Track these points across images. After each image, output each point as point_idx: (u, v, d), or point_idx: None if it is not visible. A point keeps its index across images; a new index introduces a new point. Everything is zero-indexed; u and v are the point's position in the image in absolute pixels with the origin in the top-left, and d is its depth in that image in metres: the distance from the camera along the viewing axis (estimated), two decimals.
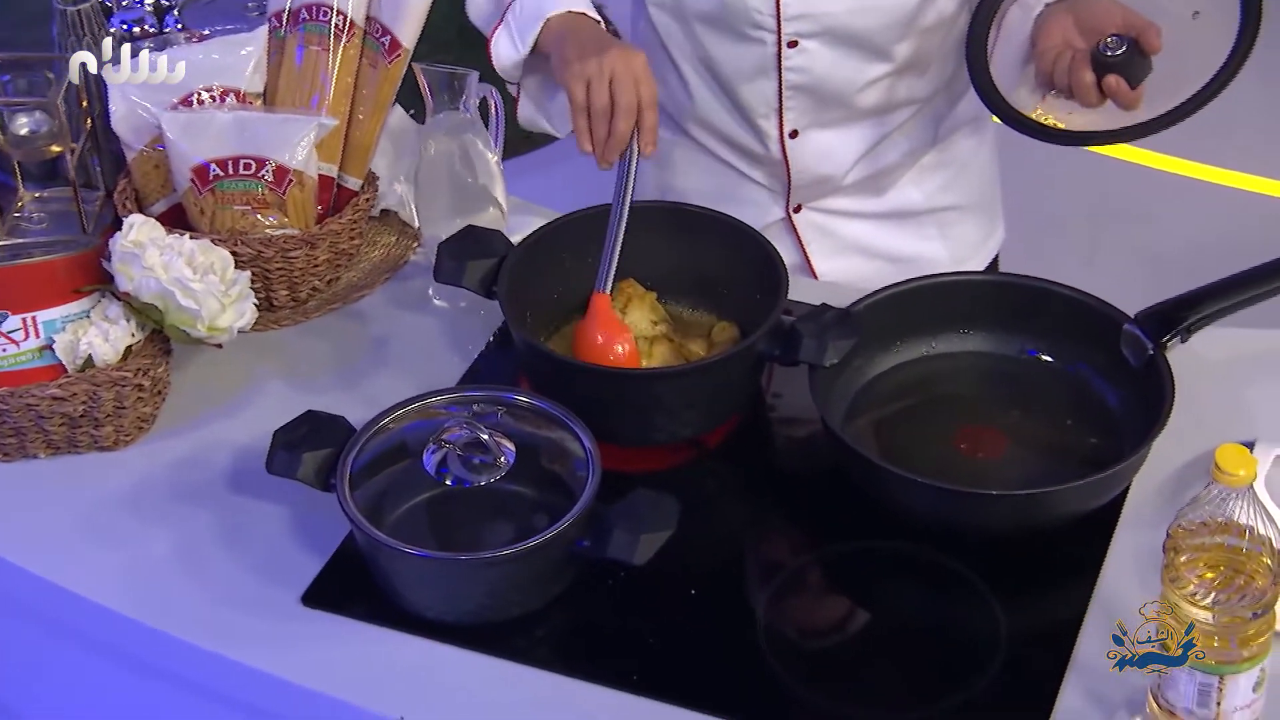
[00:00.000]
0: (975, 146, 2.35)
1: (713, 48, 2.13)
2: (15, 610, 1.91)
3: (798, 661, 1.73)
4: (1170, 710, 1.55)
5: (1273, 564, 1.49)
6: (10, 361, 1.86)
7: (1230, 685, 1.52)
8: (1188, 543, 1.50)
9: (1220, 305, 1.88)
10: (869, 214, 2.29)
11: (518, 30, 1.98)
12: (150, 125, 2.03)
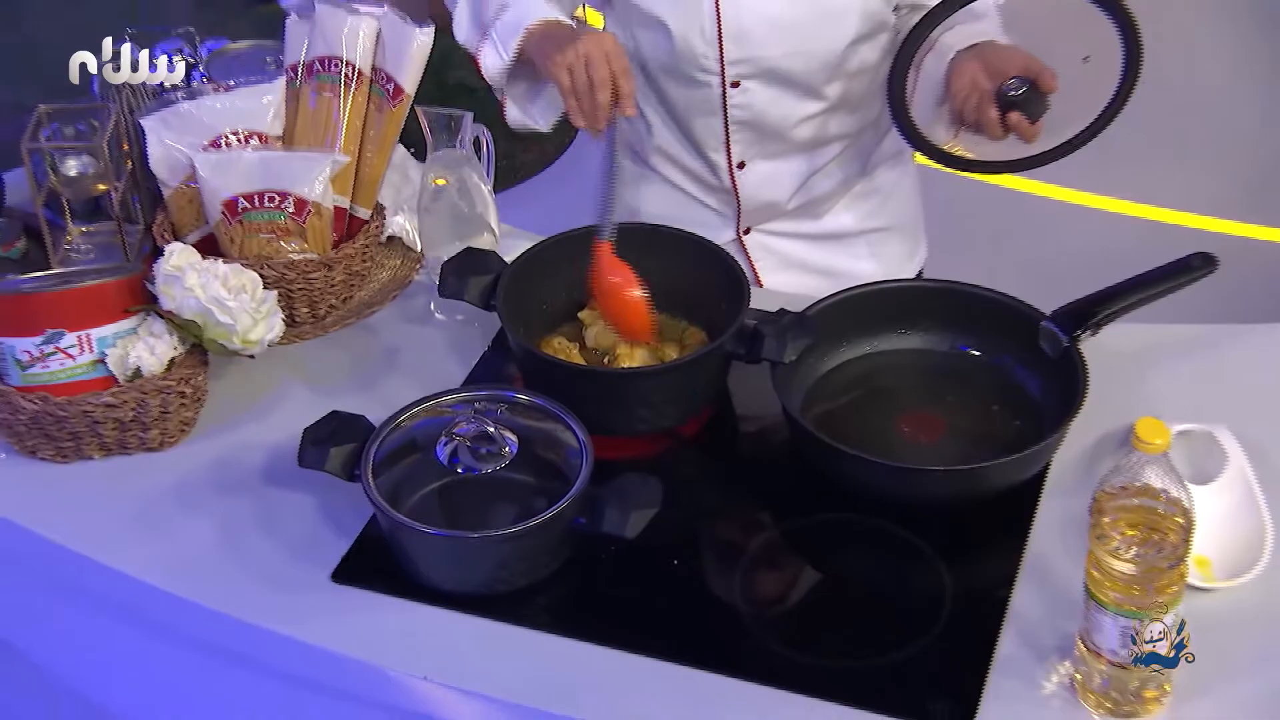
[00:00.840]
0: (899, 177, 2.34)
1: (668, 91, 2.13)
2: (76, 594, 1.87)
3: (769, 620, 1.72)
4: (1097, 652, 1.54)
5: (1184, 522, 1.48)
6: (67, 374, 1.82)
7: (1150, 628, 1.50)
8: (1111, 504, 1.50)
9: (1123, 303, 1.88)
10: (808, 235, 2.28)
11: (501, 42, 1.96)
12: (184, 165, 2.01)
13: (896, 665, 1.64)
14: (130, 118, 2.04)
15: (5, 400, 1.82)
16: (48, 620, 1.98)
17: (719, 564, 1.77)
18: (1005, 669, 1.60)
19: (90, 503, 1.83)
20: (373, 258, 2.07)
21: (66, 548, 1.78)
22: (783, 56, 2.05)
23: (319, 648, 1.66)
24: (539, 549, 1.69)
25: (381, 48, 2.03)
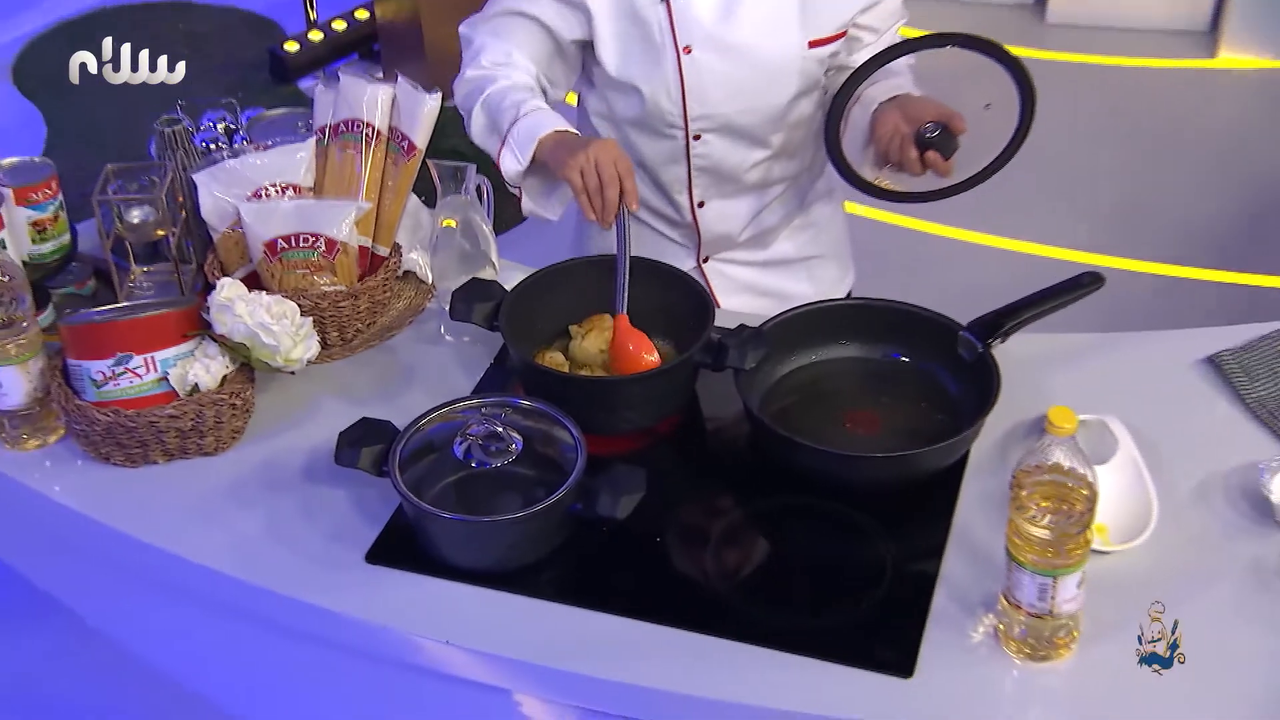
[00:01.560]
0: (831, 212, 2.40)
1: (638, 143, 2.17)
2: (143, 577, 1.92)
3: (738, 586, 1.77)
4: (1017, 605, 1.59)
5: (1088, 494, 1.54)
6: (136, 390, 1.86)
7: (1061, 584, 1.56)
8: (1028, 480, 1.55)
9: (1027, 315, 1.95)
10: (757, 262, 2.33)
11: (518, 149, 2.00)
12: (231, 213, 2.05)
13: (848, 622, 1.70)
14: (184, 174, 2.09)
15: (83, 414, 1.85)
16: (119, 600, 2.03)
17: (695, 540, 1.81)
18: (939, 622, 1.66)
19: (156, 500, 1.86)
20: (392, 289, 2.12)
21: (137, 538, 1.82)
22: (736, 113, 2.10)
23: (356, 618, 1.71)
24: (542, 531, 1.73)
25: (396, 111, 2.08)
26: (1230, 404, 1.95)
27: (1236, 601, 1.67)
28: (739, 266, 2.32)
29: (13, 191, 1.99)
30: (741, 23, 2.06)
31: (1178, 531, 1.75)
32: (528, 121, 2.01)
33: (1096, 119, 4.30)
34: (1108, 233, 3.81)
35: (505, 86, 2.07)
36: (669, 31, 2.06)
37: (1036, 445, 1.55)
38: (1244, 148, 4.26)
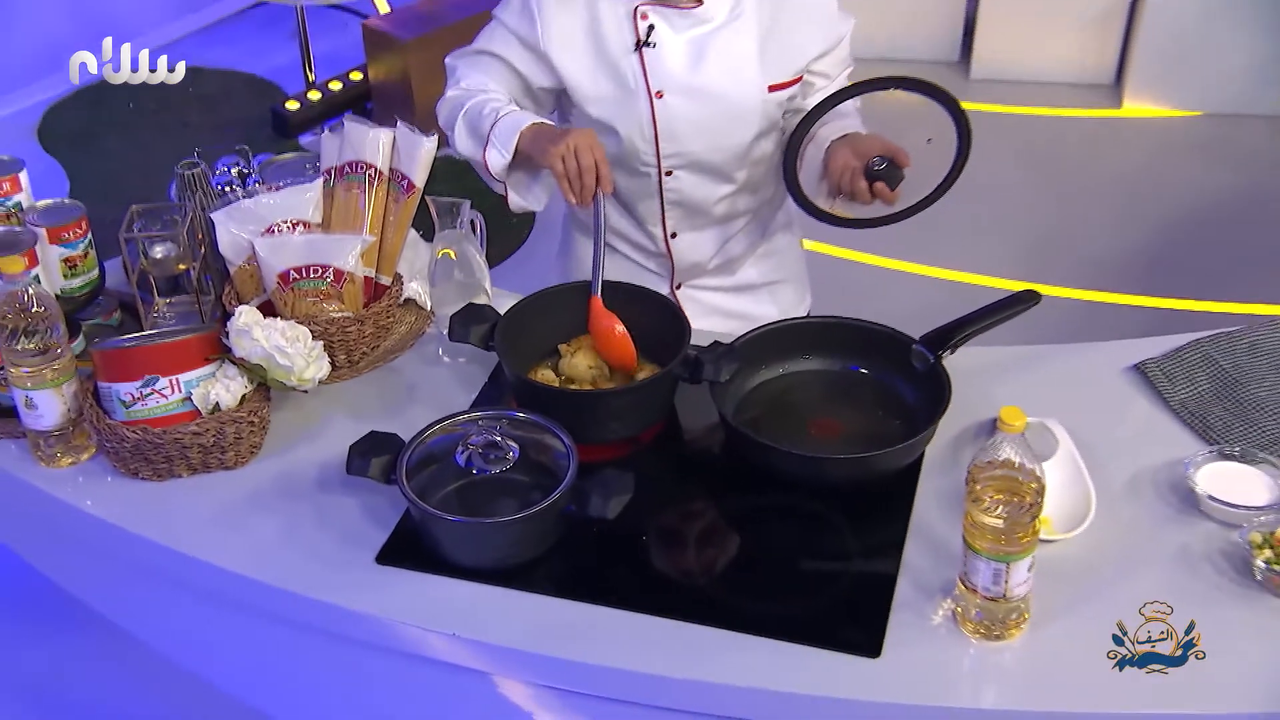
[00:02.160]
0: (789, 241, 2.38)
1: (617, 181, 2.13)
2: (170, 581, 1.87)
3: (718, 577, 1.74)
4: (974, 589, 1.57)
5: (1037, 486, 1.53)
6: (162, 410, 1.82)
7: (1014, 569, 1.55)
8: (982, 475, 1.54)
9: (974, 328, 1.93)
10: (725, 288, 2.31)
11: (501, 144, 1.99)
12: (246, 248, 2.02)
13: (819, 608, 1.68)
14: (203, 214, 2.05)
15: (113, 432, 1.81)
16: (146, 603, 1.98)
17: (677, 537, 1.79)
18: (902, 607, 1.64)
19: (181, 511, 1.82)
20: (394, 315, 2.08)
21: (164, 545, 1.78)
22: (704, 151, 2.09)
23: (369, 614, 1.67)
24: (538, 531, 1.70)
25: (396, 153, 2.05)
26: (1155, 407, 1.94)
27: (1168, 583, 1.65)
28: (709, 292, 2.29)
29: (46, 231, 1.95)
30: (708, 70, 2.05)
31: (1113, 522, 1.74)
32: (508, 120, 2.00)
33: (1018, 162, 4.32)
34: (1030, 262, 3.83)
35: (483, 99, 2.07)
36: (642, 78, 2.04)
37: (989, 442, 1.54)
38: (1148, 186, 4.29)
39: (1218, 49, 4.53)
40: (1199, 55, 4.54)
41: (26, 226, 1.95)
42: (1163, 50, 4.59)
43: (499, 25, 2.12)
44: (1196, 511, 1.75)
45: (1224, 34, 4.50)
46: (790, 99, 2.13)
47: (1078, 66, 4.76)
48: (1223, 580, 1.66)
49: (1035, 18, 4.73)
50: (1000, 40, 4.79)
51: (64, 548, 2.03)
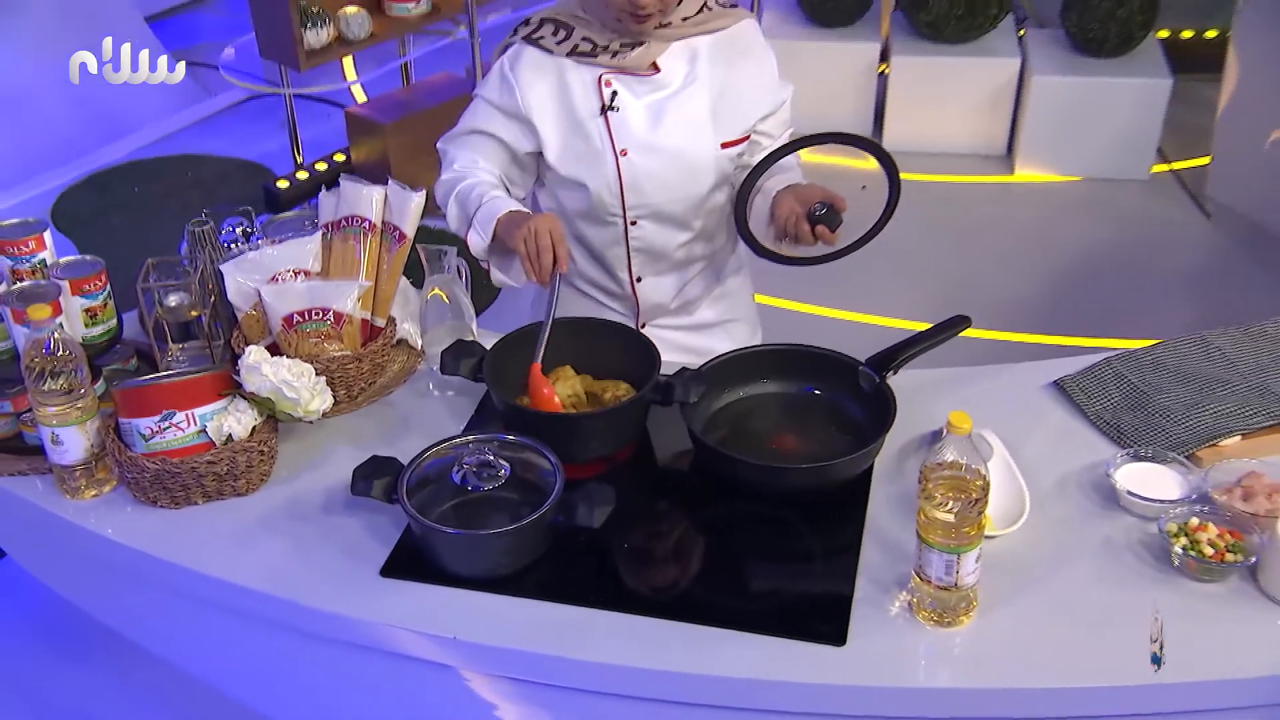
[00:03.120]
0: (741, 283, 2.35)
1: (585, 230, 2.12)
2: (190, 599, 1.78)
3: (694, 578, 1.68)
4: (928, 580, 1.54)
5: (982, 484, 1.50)
6: (179, 442, 1.75)
7: (964, 559, 1.52)
8: (933, 475, 1.51)
9: (914, 350, 1.91)
10: (684, 327, 2.27)
11: (481, 228, 1.95)
12: (252, 295, 1.95)
13: (788, 603, 1.63)
14: (212, 265, 1.99)
15: (134, 464, 1.74)
16: (166, 620, 1.89)
17: (656, 543, 1.74)
18: (862, 599, 1.60)
19: (198, 534, 1.75)
20: (389, 354, 2.02)
21: (183, 566, 1.70)
22: (665, 202, 2.06)
23: (375, 622, 1.61)
24: (529, 541, 1.65)
25: (388, 207, 2.00)
26: (1074, 417, 1.92)
27: (1096, 572, 1.64)
28: (670, 330, 2.25)
29: (69, 283, 1.88)
30: (667, 130, 2.03)
31: (1045, 519, 1.72)
32: (488, 206, 1.96)
33: (930, 223, 4.32)
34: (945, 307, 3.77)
35: (472, 183, 2.03)
36: (608, 139, 2.01)
37: (939, 445, 1.51)
38: (1039, 240, 4.32)
39: (1091, 124, 4.60)
40: (1076, 130, 4.61)
41: (51, 280, 1.88)
42: (1045, 126, 4.64)
43: (481, 102, 2.08)
44: (1117, 507, 1.73)
45: (1096, 112, 4.58)
46: (739, 155, 2.10)
47: (975, 140, 4.80)
48: (1144, 567, 1.65)
49: (936, 99, 4.77)
50: (907, 119, 4.81)
51: (89, 574, 1.94)
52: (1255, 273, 4.09)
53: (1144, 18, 4.56)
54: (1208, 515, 1.66)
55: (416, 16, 4.08)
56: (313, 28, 3.88)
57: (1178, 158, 4.71)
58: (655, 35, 2.00)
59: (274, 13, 3.87)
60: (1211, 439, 1.83)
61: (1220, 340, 2.03)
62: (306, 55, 3.88)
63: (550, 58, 2.02)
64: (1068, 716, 1.53)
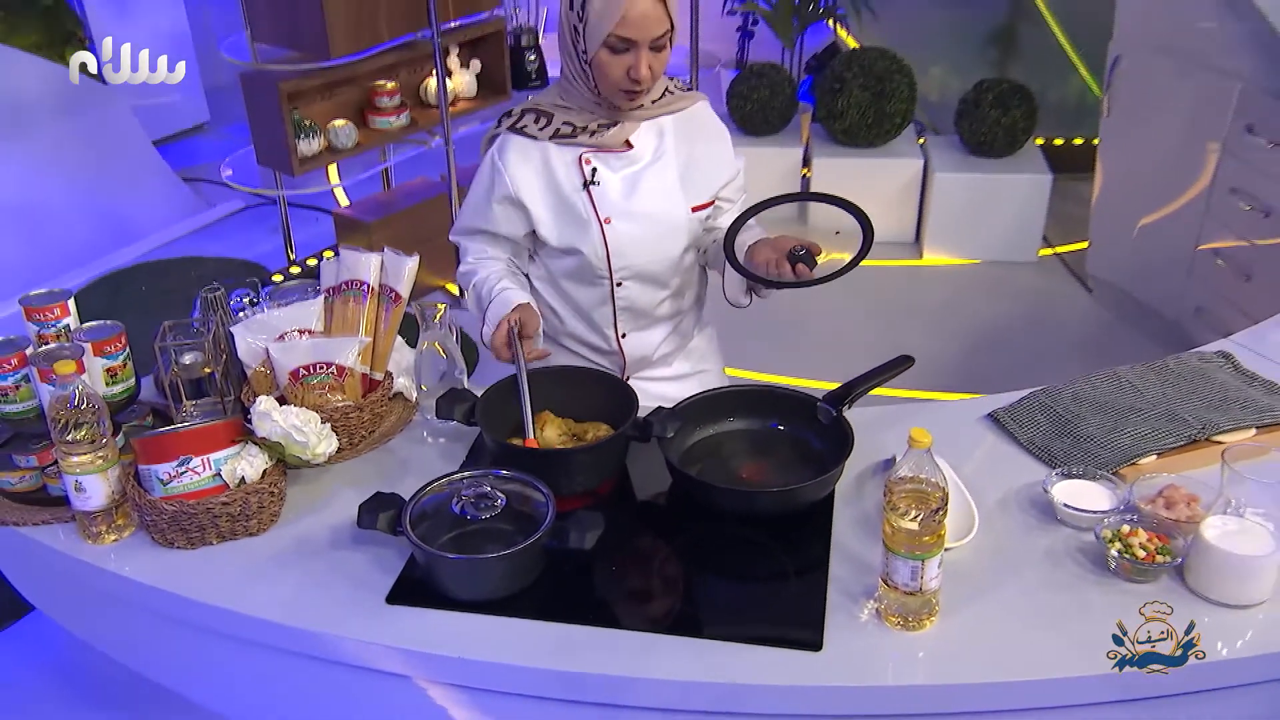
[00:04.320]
0: (709, 338, 2.30)
1: (575, 293, 2.06)
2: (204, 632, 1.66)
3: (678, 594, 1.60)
4: (894, 587, 1.47)
5: (942, 494, 1.44)
6: (195, 485, 1.65)
7: (927, 565, 1.46)
8: (897, 487, 1.45)
9: (866, 386, 1.86)
10: (663, 378, 2.20)
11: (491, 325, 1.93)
12: (261, 353, 1.86)
13: (769, 614, 1.55)
14: (223, 327, 1.90)
15: (153, 507, 1.63)
16: (186, 657, 1.76)
17: (641, 565, 1.66)
18: (834, 608, 1.53)
19: (213, 571, 1.64)
20: (387, 404, 1.93)
21: (201, 601, 1.59)
22: (646, 263, 2.01)
23: (385, 645, 1.51)
24: (526, 564, 1.56)
25: (385, 271, 1.93)
26: (1009, 444, 1.87)
27: (1042, 577, 1.58)
28: (651, 381, 2.18)
29: (91, 345, 1.78)
30: (643, 198, 1.99)
31: (992, 532, 1.66)
32: (495, 304, 1.95)
33: (854, 300, 4.30)
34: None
35: (484, 275, 2.03)
36: (593, 210, 1.97)
37: (903, 458, 1.44)
38: (947, 314, 4.32)
39: (986, 215, 4.66)
40: (973, 219, 4.66)
41: (74, 342, 1.78)
42: (947, 216, 4.68)
43: (477, 198, 2.04)
44: (1055, 520, 1.68)
45: (989, 204, 4.65)
46: (706, 218, 2.07)
47: (887, 229, 4.80)
48: (1083, 571, 1.59)
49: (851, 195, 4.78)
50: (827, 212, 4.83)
51: (109, 616, 1.81)
52: (1131, 335, 4.13)
53: (1025, 124, 4.65)
54: (1137, 523, 1.61)
55: (397, 128, 4.05)
56: (305, 138, 3.82)
57: (1060, 242, 4.77)
58: (628, 116, 1.97)
59: (271, 126, 3.81)
60: (1131, 459, 1.79)
61: (1129, 375, 2.00)
62: (299, 162, 3.82)
63: (534, 143, 1.98)
64: (1026, 707, 1.46)
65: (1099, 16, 4.30)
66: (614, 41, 1.84)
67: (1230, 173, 3.77)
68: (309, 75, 3.79)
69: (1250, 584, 1.51)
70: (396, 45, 3.96)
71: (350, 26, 3.72)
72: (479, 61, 4.25)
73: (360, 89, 4.04)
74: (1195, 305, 3.93)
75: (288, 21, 3.75)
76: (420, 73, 4.15)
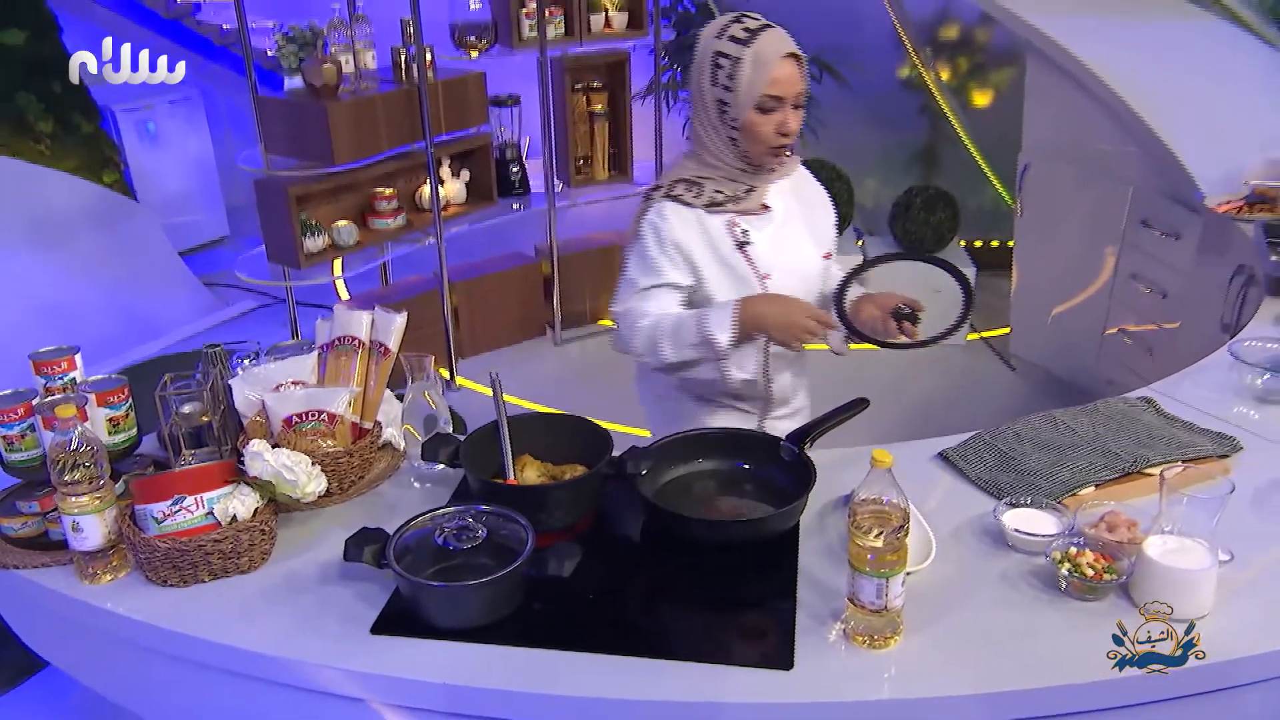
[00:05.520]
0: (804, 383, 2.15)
1: None
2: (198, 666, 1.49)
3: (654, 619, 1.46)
4: (861, 606, 1.35)
5: (904, 512, 1.34)
6: (188, 523, 1.51)
7: (891, 583, 1.34)
8: (861, 509, 1.34)
9: (824, 427, 1.75)
10: (787, 415, 2.06)
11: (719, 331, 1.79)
12: (257, 404, 1.73)
13: (742, 636, 1.41)
14: (222, 380, 1.77)
15: (147, 545, 1.49)
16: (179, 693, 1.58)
17: (619, 593, 1.51)
18: (803, 630, 1.40)
19: (206, 608, 1.49)
20: (376, 450, 1.80)
21: (194, 635, 1.44)
22: None
23: (370, 673, 1.36)
24: (505, 593, 1.42)
25: (374, 328, 1.83)
26: (959, 481, 1.76)
27: (997, 597, 1.47)
28: (780, 420, 2.05)
29: (94, 396, 1.66)
30: (789, 252, 1.92)
31: (949, 559, 1.55)
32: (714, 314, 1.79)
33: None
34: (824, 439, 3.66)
35: (676, 314, 1.85)
36: (749, 267, 1.87)
37: (865, 480, 1.33)
38: (892, 391, 4.23)
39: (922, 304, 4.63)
40: None
41: (79, 393, 1.65)
42: None
43: (647, 259, 1.88)
44: (1006, 546, 1.57)
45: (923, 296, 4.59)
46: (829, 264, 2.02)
47: None
48: (1036, 592, 1.47)
49: None
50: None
51: (105, 655, 1.63)
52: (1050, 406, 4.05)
53: (950, 224, 4.66)
54: (1083, 545, 1.50)
55: (394, 229, 3.97)
56: (310, 237, 3.73)
57: (986, 328, 4.73)
58: (763, 180, 1.90)
59: (281, 226, 3.73)
60: (1071, 490, 1.68)
61: (1063, 416, 1.91)
62: (305, 257, 3.73)
63: (689, 209, 1.87)
64: None
65: (1008, 134, 4.36)
66: (765, 101, 1.79)
67: (1130, 262, 3.78)
68: (315, 180, 3.73)
69: (1192, 597, 1.40)
70: (394, 155, 3.91)
71: (352, 138, 3.67)
72: (468, 171, 4.21)
73: (362, 194, 3.98)
74: (1106, 378, 3.89)
75: (297, 134, 3.70)
76: (415, 181, 4.09)
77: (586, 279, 4.66)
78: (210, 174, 6.33)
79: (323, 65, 3.57)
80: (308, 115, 3.62)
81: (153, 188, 6.08)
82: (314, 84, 3.60)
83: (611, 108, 4.54)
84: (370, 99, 3.70)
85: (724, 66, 1.81)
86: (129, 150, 5.96)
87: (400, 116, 3.82)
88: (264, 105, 3.76)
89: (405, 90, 3.82)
